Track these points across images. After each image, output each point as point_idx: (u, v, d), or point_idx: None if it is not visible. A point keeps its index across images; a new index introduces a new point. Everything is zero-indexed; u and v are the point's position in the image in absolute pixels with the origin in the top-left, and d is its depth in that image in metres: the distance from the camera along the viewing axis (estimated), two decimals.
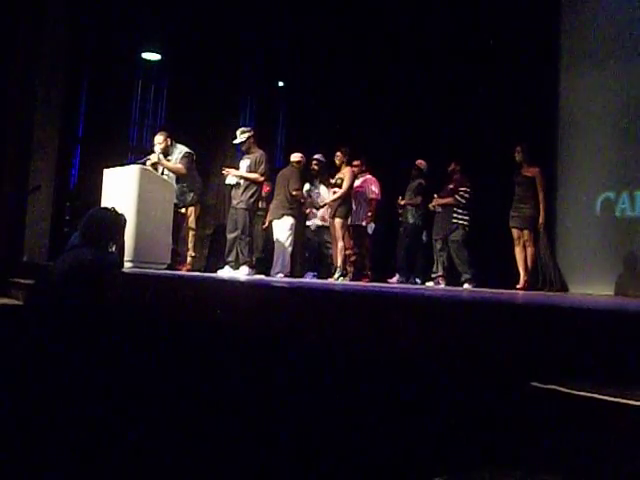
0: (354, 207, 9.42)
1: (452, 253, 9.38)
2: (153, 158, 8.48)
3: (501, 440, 1.75)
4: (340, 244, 9.02)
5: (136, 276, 5.38)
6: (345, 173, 9.14)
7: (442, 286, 9.21)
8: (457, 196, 9.32)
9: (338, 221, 9.06)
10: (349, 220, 9.27)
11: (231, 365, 3.21)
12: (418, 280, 9.85)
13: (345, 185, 9.05)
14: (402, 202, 9.83)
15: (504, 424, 1.76)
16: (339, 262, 9.00)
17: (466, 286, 9.05)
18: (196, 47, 11.33)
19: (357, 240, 9.63)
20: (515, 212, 8.49)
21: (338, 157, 9.29)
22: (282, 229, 9.09)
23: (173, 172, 8.66)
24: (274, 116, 13.07)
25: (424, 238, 10.06)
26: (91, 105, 10.85)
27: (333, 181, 9.18)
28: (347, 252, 9.28)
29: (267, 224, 9.98)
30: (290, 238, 9.08)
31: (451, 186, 9.57)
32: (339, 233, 9.04)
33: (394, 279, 9.67)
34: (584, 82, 9.35)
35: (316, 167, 9.55)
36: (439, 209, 9.53)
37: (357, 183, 9.55)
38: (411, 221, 9.76)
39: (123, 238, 5.26)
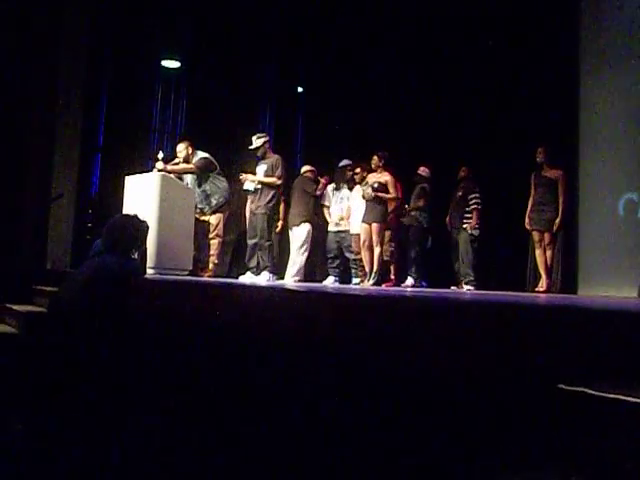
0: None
1: (459, 254, 9.47)
2: (158, 165, 8.52)
3: (528, 443, 1.74)
4: (378, 249, 9.03)
5: (159, 282, 5.41)
6: (387, 178, 9.17)
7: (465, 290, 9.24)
8: (473, 206, 9.41)
9: (375, 225, 9.07)
10: None
11: (254, 368, 3.22)
12: (424, 283, 9.83)
13: (392, 190, 9.12)
14: (408, 209, 9.80)
15: (531, 427, 1.75)
16: (375, 267, 9.03)
17: (467, 288, 9.16)
18: (215, 54, 11.37)
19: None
20: (537, 214, 8.46)
21: (374, 161, 9.32)
22: (300, 235, 9.39)
23: (184, 173, 8.72)
24: (293, 122, 13.09)
25: (429, 243, 10.05)
26: (111, 113, 10.90)
27: (370, 184, 9.15)
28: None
29: (280, 228, 10.09)
30: (307, 244, 9.39)
31: (460, 193, 9.63)
32: (376, 238, 9.05)
33: (407, 283, 9.64)
34: (605, 83, 9.30)
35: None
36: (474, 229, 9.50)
37: None
38: (416, 224, 9.75)
39: (145, 245, 5.29)
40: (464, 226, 9.40)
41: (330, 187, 10.04)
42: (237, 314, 3.79)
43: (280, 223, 10.11)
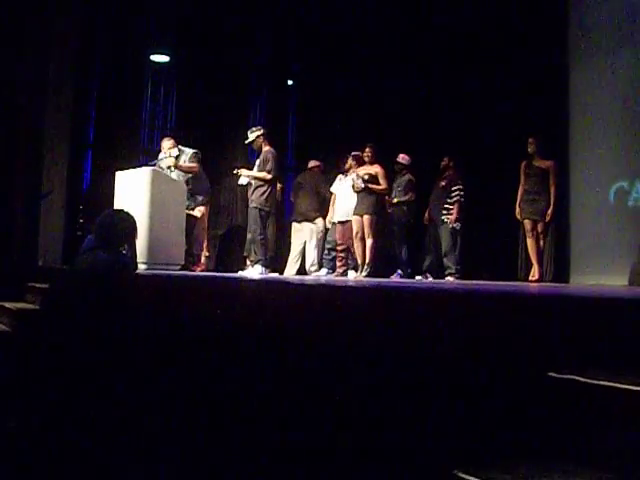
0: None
1: (443, 248, 9.52)
2: (168, 162, 8.52)
3: (519, 431, 1.75)
4: (370, 241, 9.06)
5: (152, 277, 5.40)
6: (378, 170, 9.19)
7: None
8: (455, 199, 9.46)
9: (367, 217, 9.10)
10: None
11: (251, 364, 3.22)
12: (400, 273, 9.81)
13: (383, 182, 9.14)
14: (394, 200, 9.74)
15: (521, 415, 1.75)
16: (368, 259, 9.05)
17: (449, 279, 9.22)
18: (204, 48, 11.33)
19: None
20: (529, 204, 8.50)
21: (367, 153, 9.32)
22: (317, 230, 9.79)
23: (188, 172, 8.70)
24: (284, 115, 13.06)
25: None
26: (101, 108, 10.87)
27: (359, 176, 9.15)
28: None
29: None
30: (322, 238, 9.78)
31: (443, 184, 9.66)
32: (369, 229, 9.07)
33: (396, 275, 9.62)
34: (595, 71, 9.29)
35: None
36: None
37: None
38: (403, 219, 9.73)
39: (135, 240, 5.27)
40: (444, 219, 9.43)
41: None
42: (232, 309, 3.78)
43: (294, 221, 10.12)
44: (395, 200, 9.69)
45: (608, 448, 1.57)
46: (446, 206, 9.44)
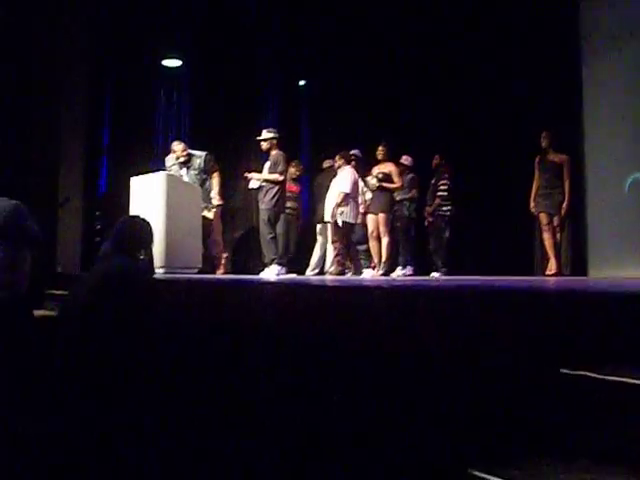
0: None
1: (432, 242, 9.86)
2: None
3: (532, 427, 1.75)
4: (386, 239, 9.06)
5: (170, 282, 5.42)
6: (392, 168, 9.20)
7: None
8: (439, 193, 9.74)
9: (382, 215, 9.11)
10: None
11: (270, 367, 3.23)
12: (409, 270, 9.84)
13: (397, 179, 9.14)
14: (397, 198, 9.74)
15: (535, 412, 1.76)
16: (384, 257, 9.06)
17: (435, 274, 9.45)
18: (216, 51, 11.36)
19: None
20: (544, 198, 8.52)
21: (380, 152, 9.33)
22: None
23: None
24: (297, 115, 13.08)
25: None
26: (115, 114, 10.94)
27: (374, 175, 9.16)
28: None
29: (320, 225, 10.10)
30: None
31: (432, 181, 10.01)
32: (384, 227, 9.09)
33: (401, 272, 9.60)
34: (608, 63, 9.22)
35: (354, 163, 9.58)
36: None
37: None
38: (406, 214, 9.74)
39: (152, 246, 5.29)
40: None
41: None
42: (247, 314, 3.80)
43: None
44: (398, 197, 9.70)
45: (624, 444, 1.57)
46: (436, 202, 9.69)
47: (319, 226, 10.04)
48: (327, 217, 9.36)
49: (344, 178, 9.06)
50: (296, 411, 2.74)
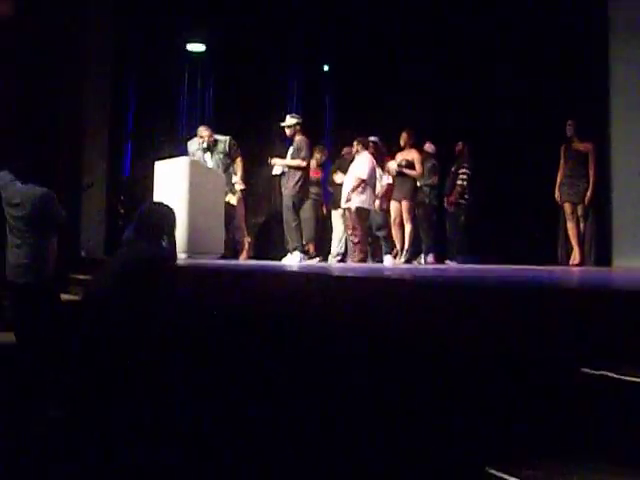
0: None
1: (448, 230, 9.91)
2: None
3: (551, 428, 1.74)
4: (409, 226, 9.05)
5: (192, 268, 5.44)
6: (415, 155, 9.15)
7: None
8: (459, 182, 9.76)
9: (405, 203, 9.09)
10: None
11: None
12: (431, 258, 9.81)
13: (419, 166, 9.10)
14: (418, 184, 9.66)
15: (554, 411, 1.75)
16: (407, 245, 9.04)
17: (450, 262, 9.57)
18: (239, 35, 11.34)
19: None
20: (568, 187, 8.43)
21: (403, 138, 9.29)
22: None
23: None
24: (321, 100, 13.03)
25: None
26: (140, 99, 10.98)
27: (397, 162, 9.13)
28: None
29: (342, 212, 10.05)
30: None
31: (453, 169, 9.97)
32: (407, 215, 9.07)
33: (430, 258, 9.58)
34: (636, 48, 9.09)
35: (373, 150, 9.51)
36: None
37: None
38: (426, 201, 9.68)
39: (174, 232, 5.31)
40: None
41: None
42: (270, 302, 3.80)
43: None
44: (419, 184, 9.63)
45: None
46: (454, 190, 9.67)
47: (335, 212, 10.01)
48: (343, 203, 9.29)
49: (362, 163, 9.00)
50: (314, 402, 2.75)
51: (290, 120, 8.88)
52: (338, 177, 9.87)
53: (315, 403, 2.76)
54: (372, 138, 9.60)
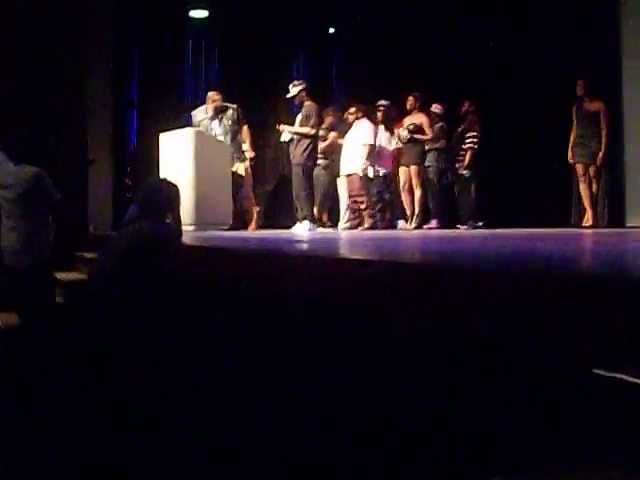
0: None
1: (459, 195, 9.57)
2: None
3: (561, 434, 1.67)
4: (419, 192, 8.93)
5: (196, 247, 5.36)
6: (423, 119, 9.01)
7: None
8: (468, 145, 9.36)
9: (414, 167, 8.98)
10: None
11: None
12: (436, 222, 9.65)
13: (428, 130, 8.96)
14: (426, 147, 9.48)
15: (562, 417, 1.67)
16: (417, 210, 8.95)
17: (461, 227, 9.27)
18: (242, 0, 11.15)
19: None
20: (580, 148, 8.31)
21: (410, 102, 9.15)
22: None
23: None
24: (327, 65, 12.84)
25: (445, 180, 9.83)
26: (143, 68, 10.84)
27: (405, 127, 9.00)
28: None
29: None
30: None
31: (459, 130, 9.58)
32: (416, 179, 8.96)
33: (432, 224, 9.40)
34: None
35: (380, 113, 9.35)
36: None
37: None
38: (435, 164, 9.47)
39: (179, 208, 5.26)
40: (457, 165, 9.29)
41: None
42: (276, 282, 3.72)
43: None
44: (427, 147, 9.46)
45: None
46: (461, 152, 9.33)
47: (339, 179, 9.84)
48: (345, 170, 9.14)
49: (364, 130, 8.86)
50: (326, 393, 2.69)
51: (294, 89, 8.75)
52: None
53: (315, 393, 2.71)
54: (382, 102, 9.46)
